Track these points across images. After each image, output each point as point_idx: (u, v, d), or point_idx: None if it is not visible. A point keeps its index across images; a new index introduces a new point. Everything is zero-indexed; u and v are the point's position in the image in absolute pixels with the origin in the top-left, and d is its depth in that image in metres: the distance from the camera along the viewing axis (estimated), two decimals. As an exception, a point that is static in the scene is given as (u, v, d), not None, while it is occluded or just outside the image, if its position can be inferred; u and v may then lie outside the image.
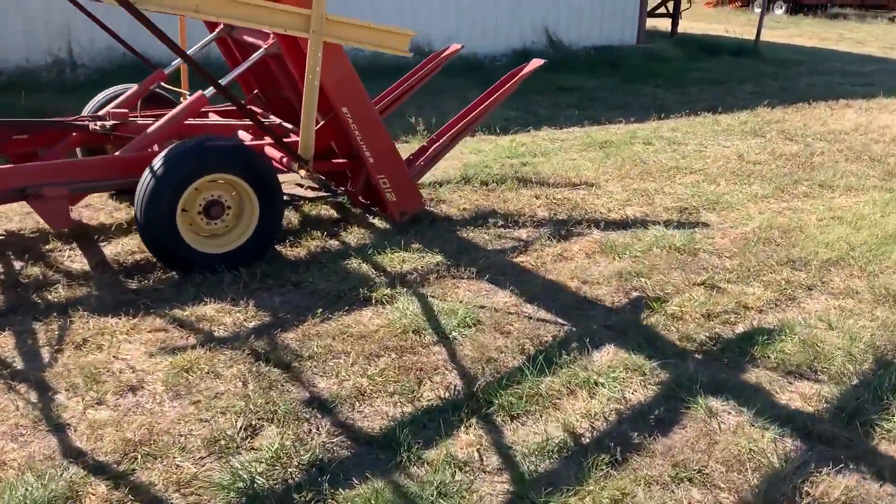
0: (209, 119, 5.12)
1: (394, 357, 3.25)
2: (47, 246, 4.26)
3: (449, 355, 3.28)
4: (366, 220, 4.87)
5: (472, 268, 4.15)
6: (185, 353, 3.20)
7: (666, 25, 16.37)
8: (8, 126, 4.50)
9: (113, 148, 4.70)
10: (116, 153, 4.28)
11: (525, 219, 5.00)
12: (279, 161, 4.43)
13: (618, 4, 13.19)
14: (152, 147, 4.27)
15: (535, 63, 5.20)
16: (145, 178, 3.79)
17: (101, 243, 4.35)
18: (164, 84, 5.09)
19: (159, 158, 3.81)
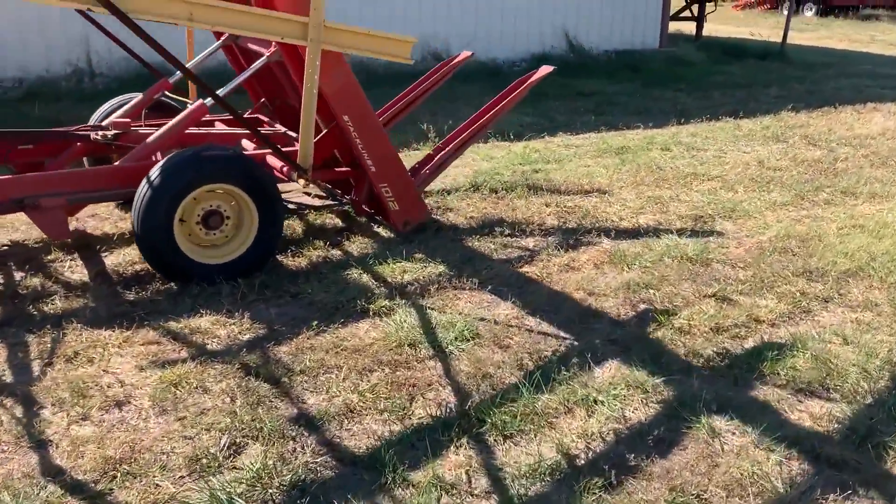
0: (214, 128, 5.09)
1: (387, 372, 3.17)
2: (49, 256, 4.24)
3: (444, 370, 3.19)
4: (370, 230, 4.80)
5: (475, 278, 4.06)
6: (175, 367, 3.14)
7: (690, 29, 16.13)
8: (13, 136, 4.50)
9: (117, 158, 4.68)
10: (117, 163, 4.26)
11: (533, 227, 4.89)
12: (280, 170, 4.37)
13: (640, 7, 13.02)
14: (154, 157, 4.24)
15: (545, 70, 5.10)
16: (142, 188, 3.75)
17: (103, 253, 4.33)
18: (169, 93, 5.07)
19: (156, 168, 3.77)
